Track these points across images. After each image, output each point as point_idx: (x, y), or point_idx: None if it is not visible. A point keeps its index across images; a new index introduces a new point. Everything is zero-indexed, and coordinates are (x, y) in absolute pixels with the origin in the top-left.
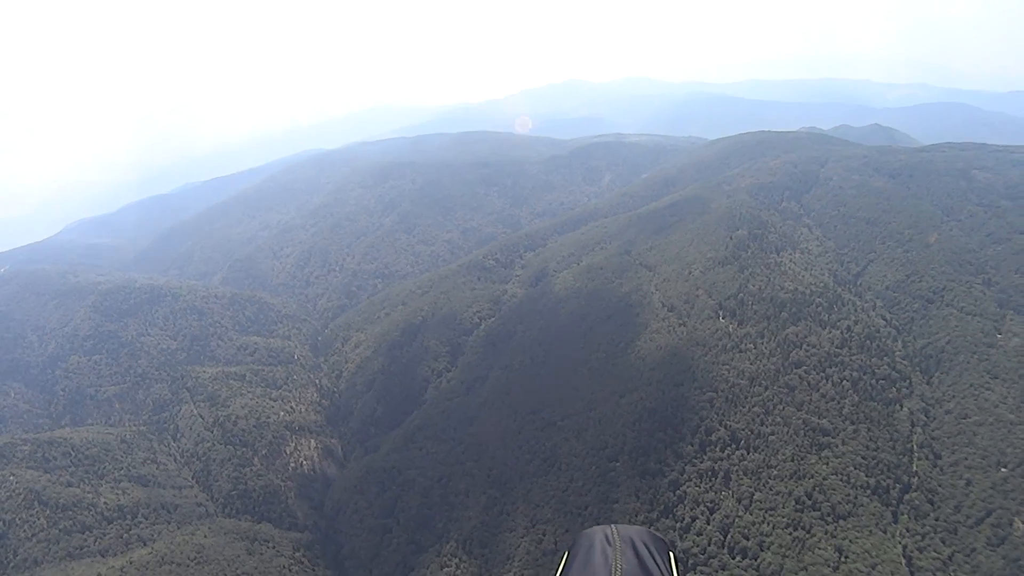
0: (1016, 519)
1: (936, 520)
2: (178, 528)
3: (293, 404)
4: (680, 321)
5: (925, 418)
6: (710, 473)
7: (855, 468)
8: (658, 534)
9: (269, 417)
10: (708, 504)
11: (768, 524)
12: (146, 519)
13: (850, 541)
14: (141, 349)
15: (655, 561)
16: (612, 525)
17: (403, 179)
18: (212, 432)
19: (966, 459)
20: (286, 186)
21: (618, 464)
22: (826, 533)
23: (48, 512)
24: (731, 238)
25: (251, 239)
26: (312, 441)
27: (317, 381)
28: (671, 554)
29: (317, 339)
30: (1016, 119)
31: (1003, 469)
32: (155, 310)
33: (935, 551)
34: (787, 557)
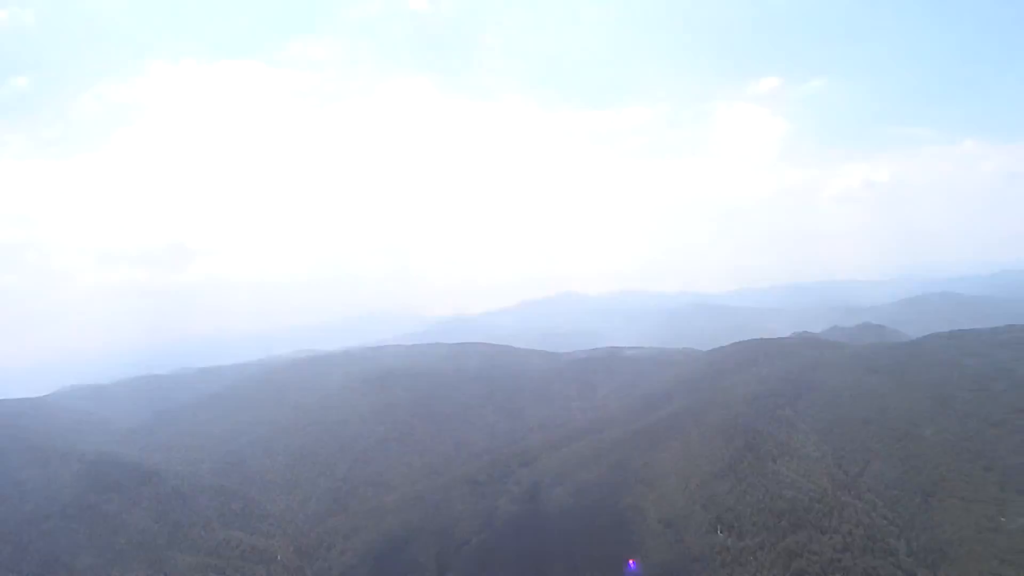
0: None
1: None
2: None
3: None
4: (677, 537)
5: None
6: None
7: None
8: None
9: None
10: None
11: None
12: None
13: None
14: (121, 526)
15: None
16: None
17: (398, 387)
18: None
19: None
20: (281, 384)
21: None
22: None
23: None
24: (728, 449)
25: (242, 433)
26: None
27: None
28: None
29: (302, 542)
30: (1001, 300)
31: None
32: (140, 489)
33: None
34: None
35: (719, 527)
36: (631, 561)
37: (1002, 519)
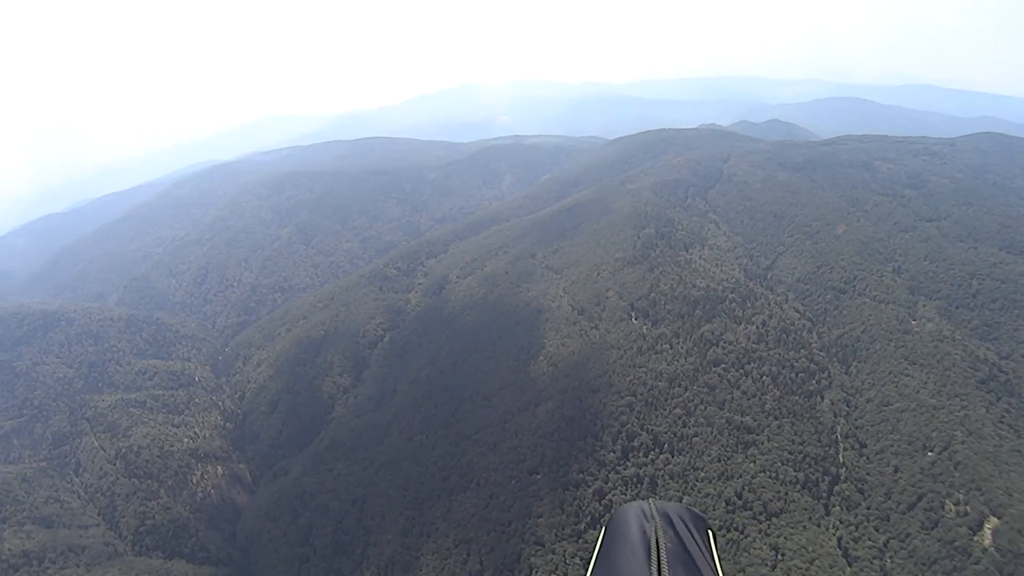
0: (947, 501)
1: (868, 509)
2: (87, 571)
3: (197, 429)
4: (591, 324)
5: (847, 408)
6: (635, 479)
7: (782, 464)
8: (696, 510)
9: (173, 445)
10: None
11: None
12: (53, 563)
13: (785, 538)
14: (37, 379)
15: (693, 538)
16: (649, 499)
17: (299, 189)
18: (115, 465)
19: (892, 446)
20: (179, 200)
21: (539, 476)
22: (760, 532)
23: None
24: (638, 237)
25: (146, 256)
26: (219, 468)
27: (220, 403)
28: (709, 532)
29: (218, 359)
30: (911, 111)
31: (929, 453)
32: (50, 336)
33: (870, 540)
34: (723, 560)
35: (633, 314)
36: None
37: (912, 322)
